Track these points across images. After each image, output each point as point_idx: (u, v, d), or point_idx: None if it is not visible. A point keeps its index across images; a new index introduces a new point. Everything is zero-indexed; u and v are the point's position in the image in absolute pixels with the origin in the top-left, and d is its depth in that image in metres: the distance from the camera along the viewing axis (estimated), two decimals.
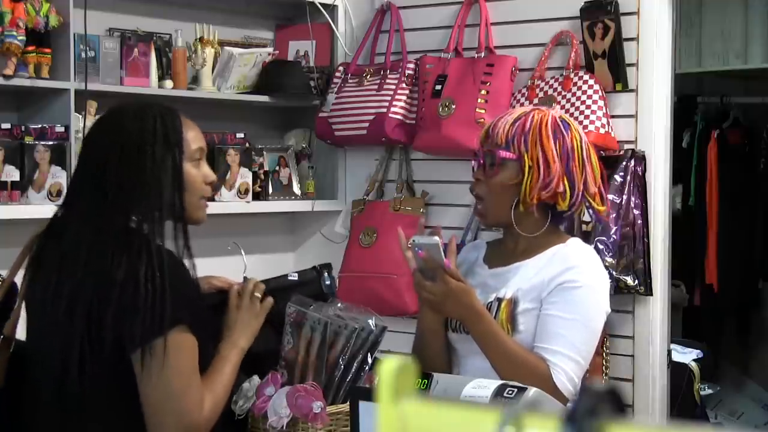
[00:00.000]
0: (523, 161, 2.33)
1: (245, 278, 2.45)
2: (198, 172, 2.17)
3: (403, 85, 3.58)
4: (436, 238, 2.30)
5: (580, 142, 2.38)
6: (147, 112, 2.13)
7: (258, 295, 2.32)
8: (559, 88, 3.25)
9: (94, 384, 2.03)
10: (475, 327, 2.30)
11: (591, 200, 2.39)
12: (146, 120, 2.10)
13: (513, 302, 2.35)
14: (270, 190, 3.70)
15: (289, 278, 2.49)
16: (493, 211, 2.42)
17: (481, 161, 2.40)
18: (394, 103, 3.55)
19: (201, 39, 3.52)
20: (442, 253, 2.28)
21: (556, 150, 2.33)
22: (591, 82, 3.19)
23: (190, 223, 2.12)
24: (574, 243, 2.44)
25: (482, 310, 2.30)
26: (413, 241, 2.32)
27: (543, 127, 2.34)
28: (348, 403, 2.15)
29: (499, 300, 2.37)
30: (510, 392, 1.93)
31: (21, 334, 2.22)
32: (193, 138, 2.17)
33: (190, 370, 2.05)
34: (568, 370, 2.27)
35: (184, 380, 2.03)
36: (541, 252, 2.39)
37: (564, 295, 2.31)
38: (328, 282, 2.51)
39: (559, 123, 2.37)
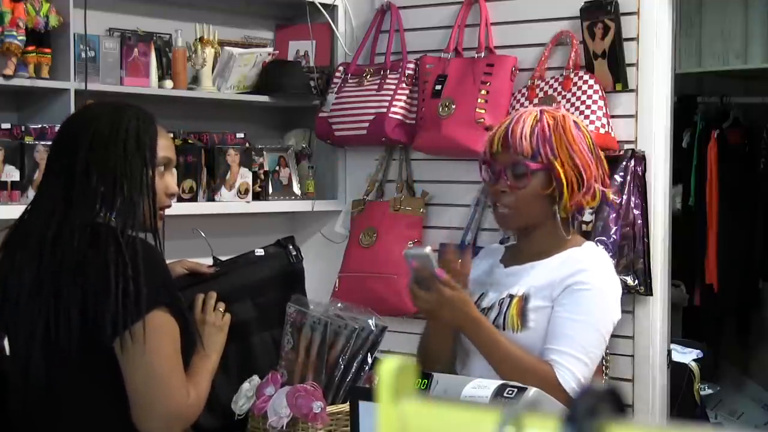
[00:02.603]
0: (554, 169, 2.32)
1: (214, 258, 2.54)
2: (161, 181, 2.18)
3: (403, 85, 3.58)
4: (428, 248, 2.31)
5: (590, 137, 2.41)
6: (124, 112, 2.13)
7: (221, 309, 2.38)
8: (559, 88, 3.25)
9: (66, 372, 2.04)
10: (473, 334, 2.30)
11: (606, 192, 2.42)
12: (122, 119, 2.10)
13: (524, 299, 2.36)
14: (270, 190, 3.70)
15: (256, 254, 2.57)
16: (520, 219, 2.41)
17: (504, 174, 2.38)
18: (394, 103, 3.55)
19: (201, 39, 3.51)
20: (434, 263, 2.29)
21: (586, 151, 2.35)
22: (591, 82, 3.19)
23: (144, 229, 2.12)
24: (589, 247, 2.45)
25: (479, 317, 2.31)
26: (405, 253, 2.34)
27: (568, 131, 2.34)
28: (348, 403, 2.15)
29: (511, 296, 2.38)
30: (510, 392, 1.93)
31: None
32: (163, 146, 2.18)
33: (172, 352, 2.06)
34: (573, 369, 2.27)
35: (167, 363, 2.05)
36: (556, 253, 2.40)
37: (573, 296, 2.32)
38: (294, 252, 2.58)
39: (575, 123, 2.39)
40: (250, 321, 2.49)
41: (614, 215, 3.11)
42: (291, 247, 2.62)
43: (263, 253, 2.58)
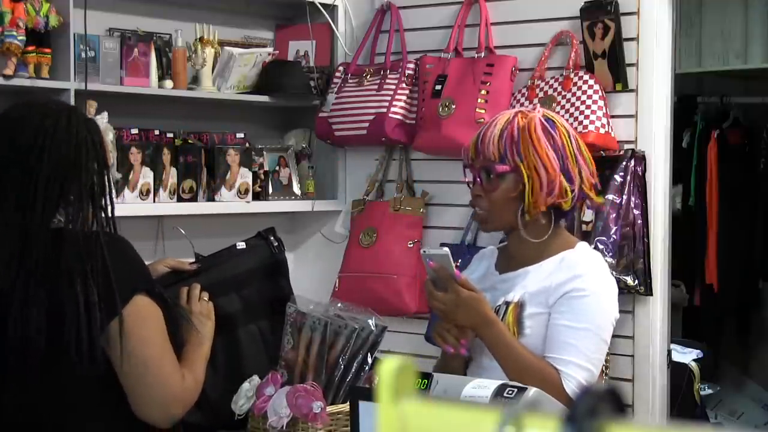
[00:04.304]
0: (520, 172, 2.34)
1: (196, 255, 2.55)
2: None
3: (403, 85, 3.58)
4: (446, 249, 2.32)
5: (569, 137, 2.39)
6: (70, 116, 2.09)
7: (205, 298, 2.39)
8: (559, 88, 3.25)
9: (59, 386, 2.04)
10: (486, 335, 2.31)
11: (588, 193, 2.40)
12: (71, 123, 2.07)
13: (520, 306, 2.36)
14: (270, 190, 3.70)
15: (238, 247, 2.59)
16: (496, 221, 2.43)
17: (478, 178, 2.40)
18: (394, 103, 3.55)
19: (201, 39, 3.51)
20: (452, 263, 2.29)
21: (549, 153, 2.34)
22: (591, 82, 3.19)
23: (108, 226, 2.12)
24: (582, 248, 2.44)
25: (494, 318, 2.31)
26: (423, 251, 2.34)
27: (532, 133, 2.34)
28: (348, 403, 2.15)
29: (507, 303, 2.38)
30: (510, 392, 1.93)
31: None
32: (108, 146, 2.17)
33: (160, 336, 2.08)
34: (580, 378, 2.28)
35: (157, 347, 2.06)
36: (549, 257, 2.39)
37: (572, 304, 2.32)
38: (276, 243, 2.60)
39: (546, 123, 2.37)
40: (235, 314, 2.50)
41: (614, 215, 3.11)
42: (272, 238, 2.63)
43: (245, 246, 2.59)
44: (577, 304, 2.32)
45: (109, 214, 2.08)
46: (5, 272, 2.00)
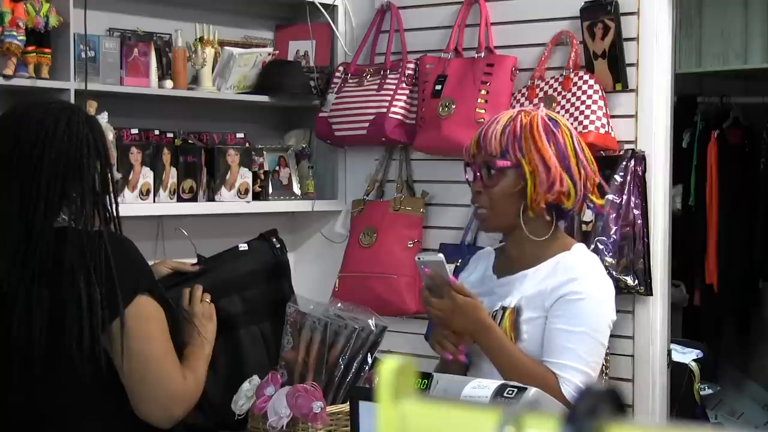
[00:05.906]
0: (522, 168, 2.33)
1: (198, 256, 2.55)
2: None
3: (403, 85, 3.58)
4: (441, 255, 2.32)
5: (571, 137, 2.39)
6: (72, 115, 2.10)
7: (207, 300, 2.40)
8: (559, 88, 3.25)
9: (61, 386, 2.04)
10: (484, 340, 2.30)
11: (590, 195, 2.40)
12: (73, 122, 2.08)
13: (516, 311, 2.36)
14: (270, 190, 3.70)
15: (240, 249, 2.59)
16: (497, 219, 2.42)
17: (478, 174, 2.40)
18: (394, 103, 3.55)
19: (201, 39, 3.51)
20: (447, 270, 2.29)
21: (551, 150, 2.34)
22: (591, 82, 3.19)
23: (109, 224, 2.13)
24: (578, 250, 2.43)
25: (491, 323, 2.31)
26: (418, 258, 2.34)
27: (535, 130, 2.34)
28: (348, 403, 2.15)
29: (504, 308, 2.37)
30: (510, 392, 1.93)
31: None
32: (110, 145, 2.18)
33: (161, 335, 2.09)
34: (577, 382, 2.27)
35: (158, 346, 2.06)
36: (545, 260, 2.39)
37: (568, 307, 2.31)
38: (278, 245, 2.60)
39: (549, 122, 2.37)
40: (237, 315, 2.50)
41: (614, 215, 3.11)
42: (274, 239, 2.63)
43: (247, 248, 2.59)
44: (573, 307, 2.31)
45: (113, 213, 2.09)
46: (9, 271, 2.00)
